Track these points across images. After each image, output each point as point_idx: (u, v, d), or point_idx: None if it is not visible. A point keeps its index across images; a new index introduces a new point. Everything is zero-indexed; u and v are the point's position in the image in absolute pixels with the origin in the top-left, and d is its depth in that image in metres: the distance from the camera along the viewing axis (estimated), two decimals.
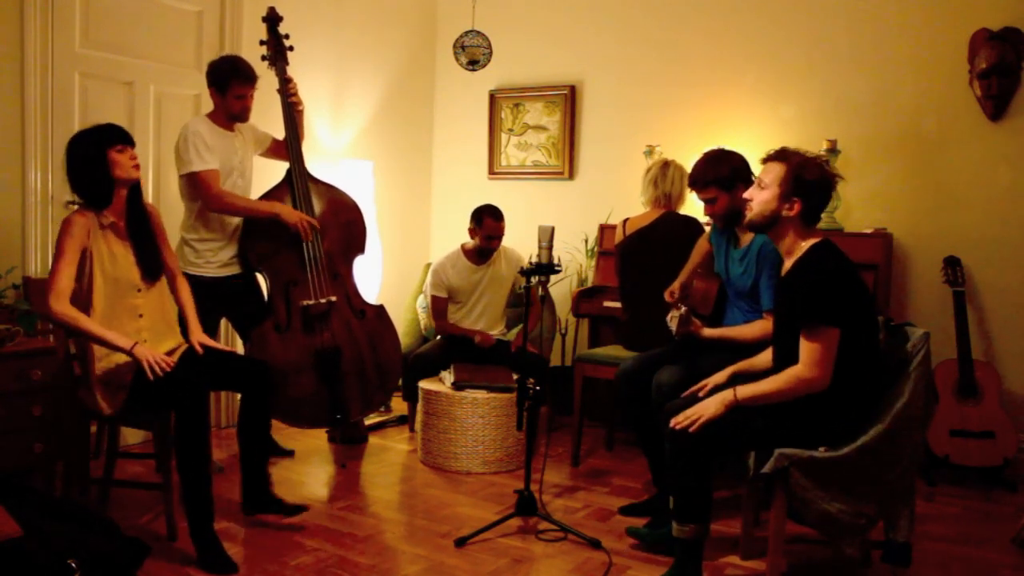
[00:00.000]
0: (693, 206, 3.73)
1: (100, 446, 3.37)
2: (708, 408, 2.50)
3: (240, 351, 3.62)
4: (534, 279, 3.11)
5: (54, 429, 3.06)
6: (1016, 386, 3.97)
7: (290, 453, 3.94)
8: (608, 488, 3.63)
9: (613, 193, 4.90)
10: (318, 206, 3.73)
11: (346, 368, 3.69)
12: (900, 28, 4.18)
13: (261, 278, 3.73)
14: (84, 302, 2.79)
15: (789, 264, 2.54)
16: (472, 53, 4.86)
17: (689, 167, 3.29)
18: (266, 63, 3.72)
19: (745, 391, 2.49)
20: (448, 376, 3.91)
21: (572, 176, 5.17)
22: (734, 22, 4.60)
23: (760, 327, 2.99)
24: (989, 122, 4.00)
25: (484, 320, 4.34)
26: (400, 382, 4.20)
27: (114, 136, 2.85)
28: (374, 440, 4.27)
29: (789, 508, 2.48)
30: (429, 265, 4.64)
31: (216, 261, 3.54)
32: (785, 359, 2.51)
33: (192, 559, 2.71)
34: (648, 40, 4.86)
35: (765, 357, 2.74)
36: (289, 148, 3.70)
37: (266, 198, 3.64)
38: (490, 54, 4.90)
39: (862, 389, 2.46)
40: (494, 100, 5.39)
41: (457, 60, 4.91)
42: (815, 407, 2.44)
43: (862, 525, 2.46)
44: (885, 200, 4.23)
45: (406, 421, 4.54)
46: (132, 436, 3.90)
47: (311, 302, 3.61)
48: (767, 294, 2.98)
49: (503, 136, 5.38)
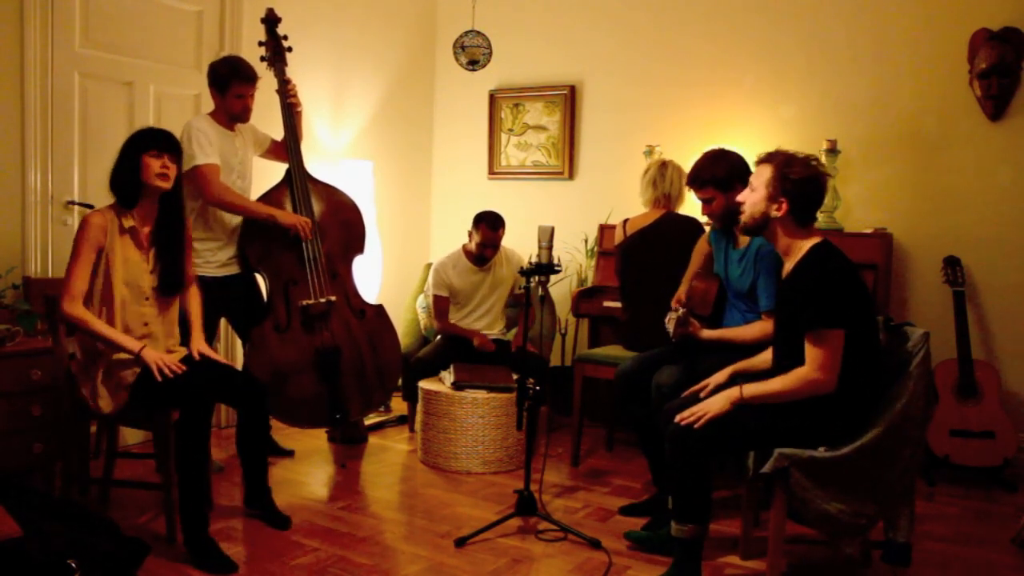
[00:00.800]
0: (693, 206, 3.73)
1: (100, 446, 3.38)
2: (713, 405, 2.50)
3: (240, 352, 3.62)
4: (534, 279, 3.11)
5: (54, 429, 3.06)
6: (1016, 386, 3.98)
7: (290, 453, 3.94)
8: (608, 488, 3.63)
9: (613, 193, 4.90)
10: (317, 206, 3.73)
11: (345, 368, 3.69)
12: (900, 28, 4.19)
13: (260, 278, 3.73)
14: (95, 301, 2.80)
15: (790, 266, 2.54)
16: (472, 53, 4.87)
17: (688, 167, 3.29)
18: (265, 64, 3.72)
19: (751, 389, 2.49)
20: (448, 376, 3.91)
21: (572, 176, 5.17)
22: (734, 22, 4.60)
23: (759, 328, 2.99)
24: (989, 122, 4.00)
25: (484, 320, 4.34)
26: (400, 382, 4.21)
27: (153, 140, 2.84)
28: (374, 440, 4.27)
29: (789, 508, 2.48)
30: (429, 265, 4.64)
31: (216, 261, 3.55)
32: (786, 359, 2.51)
33: (189, 557, 2.70)
34: (648, 40, 4.86)
35: (764, 356, 2.74)
36: (288, 149, 3.71)
37: (266, 198, 3.64)
38: (490, 54, 4.90)
39: (863, 389, 2.46)
40: (494, 100, 5.39)
41: (457, 60, 4.91)
42: (816, 407, 2.44)
43: (862, 525, 2.46)
44: (885, 200, 4.23)
45: (406, 421, 4.54)
46: (132, 436, 3.90)
47: (310, 302, 3.61)
48: (765, 295, 2.98)
49: (503, 136, 5.38)
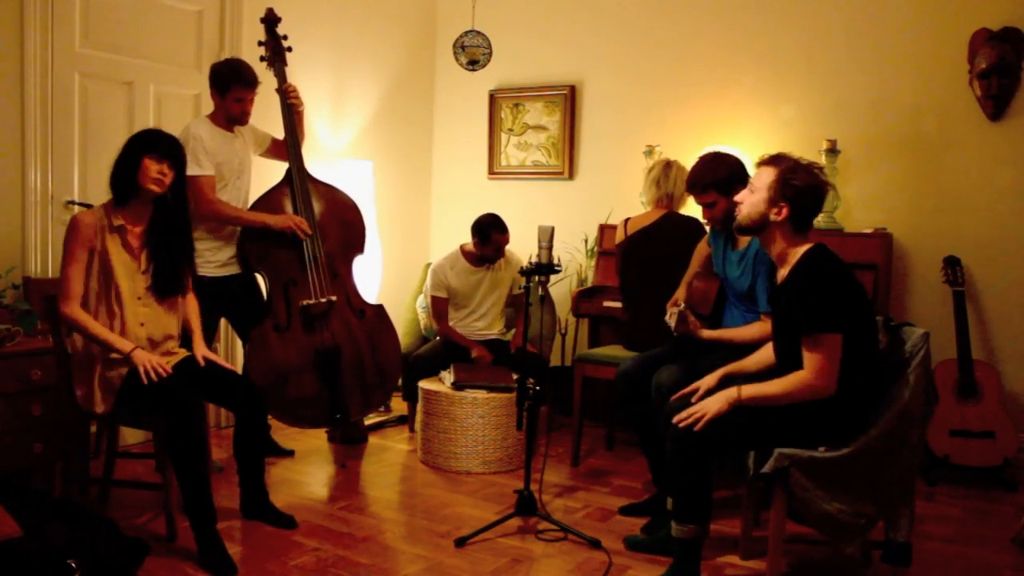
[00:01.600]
0: (695, 207, 3.73)
1: (100, 446, 3.38)
2: (712, 406, 2.49)
3: (240, 352, 3.62)
4: (534, 279, 3.11)
5: (54, 429, 3.06)
6: (1016, 386, 3.98)
7: (290, 453, 3.94)
8: (608, 488, 3.63)
9: (613, 193, 4.90)
10: (317, 206, 3.73)
11: (346, 368, 3.69)
12: (900, 28, 4.18)
13: (260, 278, 3.74)
14: (91, 300, 2.81)
15: (785, 272, 2.53)
16: (472, 53, 4.86)
17: (689, 167, 3.28)
18: (265, 64, 3.72)
19: (750, 391, 2.48)
20: (448, 376, 3.91)
21: (572, 176, 5.17)
22: (734, 22, 4.60)
23: (758, 328, 2.99)
24: (989, 122, 4.00)
25: (483, 321, 4.34)
26: (400, 382, 4.20)
27: (157, 144, 2.83)
28: (374, 440, 4.27)
29: (789, 508, 2.48)
30: (429, 265, 4.64)
31: (216, 261, 3.55)
32: (787, 361, 2.51)
33: (192, 557, 2.71)
34: (648, 40, 4.86)
35: (756, 358, 2.74)
36: (289, 149, 3.70)
37: (265, 198, 3.65)
38: (490, 54, 4.90)
39: (862, 390, 2.46)
40: (494, 100, 5.39)
41: (457, 60, 4.91)
42: (816, 407, 2.44)
43: (862, 525, 2.46)
44: (885, 200, 4.23)
45: (406, 421, 4.54)
46: (132, 436, 3.90)
47: (311, 302, 3.61)
48: (764, 296, 2.98)
49: (503, 136, 5.38)
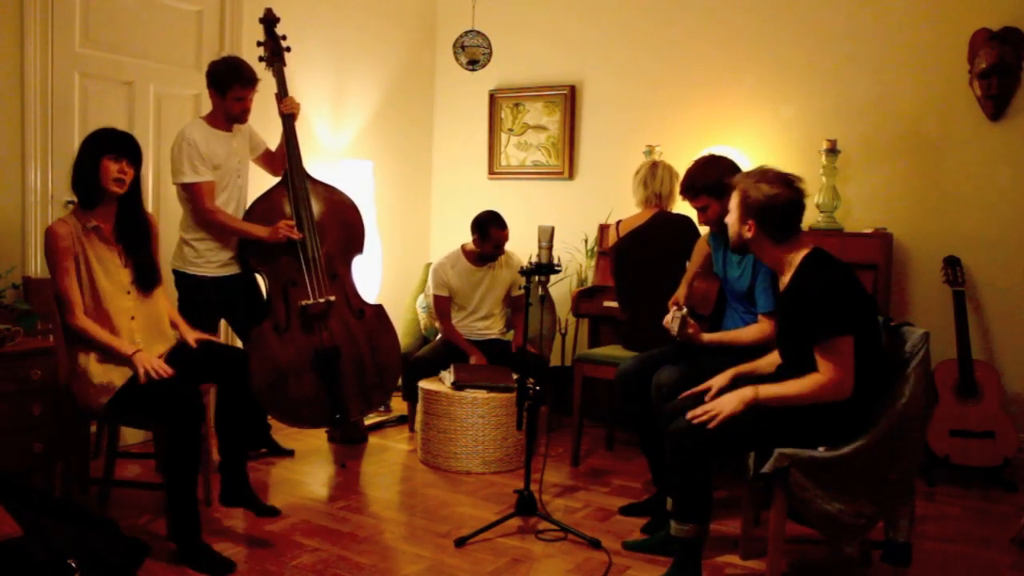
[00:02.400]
0: (685, 205, 3.73)
1: (100, 446, 3.38)
2: (727, 405, 2.49)
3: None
4: (534, 279, 3.11)
5: (54, 429, 3.05)
6: (1016, 386, 3.97)
7: (290, 453, 3.94)
8: (608, 488, 3.63)
9: (613, 193, 4.90)
10: (316, 207, 3.73)
11: (345, 368, 3.69)
12: (900, 28, 4.18)
13: (260, 278, 3.73)
14: (85, 303, 2.81)
15: (787, 278, 2.53)
16: (472, 53, 4.86)
17: (686, 167, 3.28)
18: (263, 64, 3.72)
19: (768, 391, 2.48)
20: (448, 376, 3.91)
21: (572, 176, 5.17)
22: (734, 22, 4.60)
23: (757, 329, 2.99)
24: (989, 122, 4.00)
25: (484, 321, 4.34)
26: (400, 382, 4.20)
27: (113, 144, 2.83)
28: (374, 440, 4.27)
29: (789, 508, 2.48)
30: (429, 265, 4.64)
31: (216, 261, 3.55)
32: (792, 364, 2.51)
33: (185, 561, 2.69)
34: (648, 40, 4.86)
35: (769, 359, 2.73)
36: (288, 152, 3.68)
37: (264, 198, 3.65)
38: (490, 54, 4.90)
39: (864, 390, 2.46)
40: (494, 100, 5.39)
41: (457, 60, 4.91)
42: (816, 407, 2.44)
43: (862, 525, 2.46)
44: (885, 200, 4.23)
45: (406, 421, 4.54)
46: (132, 436, 3.90)
47: (309, 302, 3.61)
48: (763, 297, 2.98)
49: (503, 136, 5.38)
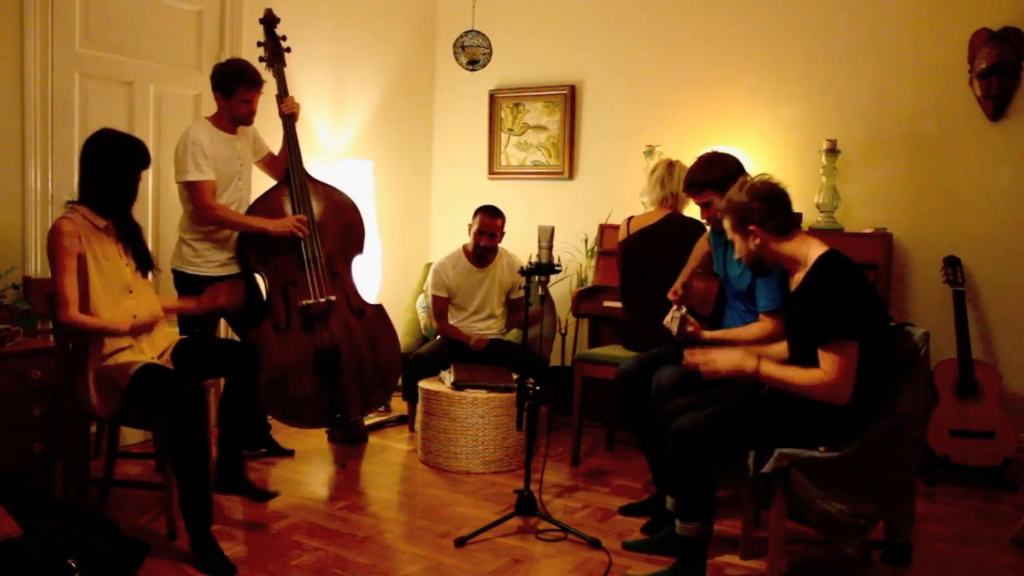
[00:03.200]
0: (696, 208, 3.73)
1: (100, 446, 3.37)
2: (721, 364, 2.53)
3: None
4: (534, 279, 3.11)
5: (54, 429, 3.06)
6: (1016, 386, 3.98)
7: (290, 453, 3.94)
8: (608, 488, 3.63)
9: (613, 193, 4.90)
10: (316, 207, 3.73)
11: (345, 367, 3.69)
12: (900, 28, 4.18)
13: (260, 278, 3.73)
14: (83, 305, 2.80)
15: (800, 276, 2.52)
16: (472, 53, 4.86)
17: (693, 164, 3.28)
18: (263, 64, 3.72)
19: (769, 369, 2.48)
20: (448, 376, 3.91)
21: (572, 176, 5.17)
22: (734, 22, 4.60)
23: (758, 328, 2.98)
24: (989, 122, 4.00)
25: (485, 322, 4.34)
26: (399, 381, 4.20)
27: (148, 159, 2.94)
28: (374, 440, 4.27)
29: (789, 508, 2.48)
30: (429, 265, 4.64)
31: (215, 260, 3.55)
32: (800, 362, 2.51)
33: (191, 557, 2.70)
34: (648, 40, 4.86)
35: (778, 348, 2.71)
36: (289, 152, 3.69)
37: (264, 199, 3.65)
38: (490, 54, 4.90)
39: (866, 391, 2.45)
40: (494, 100, 5.39)
41: (457, 60, 4.91)
42: (816, 407, 2.44)
43: (862, 525, 2.46)
44: (885, 200, 4.23)
45: (406, 421, 4.54)
46: (132, 436, 3.90)
47: (310, 302, 3.61)
48: (764, 295, 2.97)
49: (503, 136, 5.38)
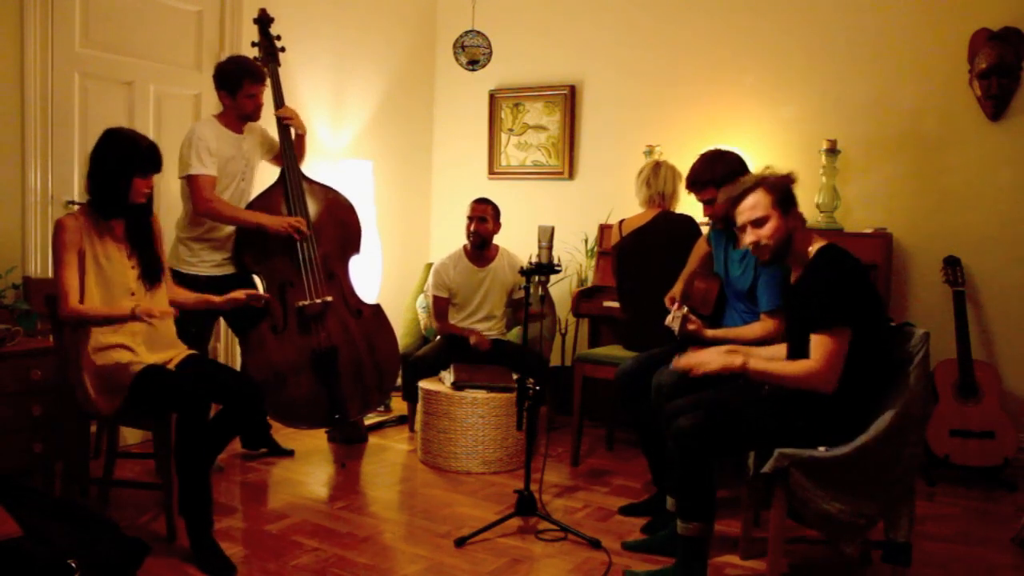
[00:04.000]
0: (688, 206, 3.73)
1: (100, 446, 3.37)
2: (713, 363, 2.52)
3: (238, 352, 3.61)
4: (534, 279, 3.11)
5: (54, 429, 3.06)
6: (1016, 386, 3.97)
7: (290, 453, 3.94)
8: (608, 488, 3.63)
9: (613, 193, 4.90)
10: (313, 207, 3.73)
11: (343, 368, 3.69)
12: (900, 28, 4.18)
13: (256, 279, 3.73)
14: (88, 301, 2.80)
15: (799, 271, 2.53)
16: (472, 53, 4.87)
17: (687, 167, 3.29)
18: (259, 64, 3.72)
19: (757, 365, 2.49)
20: (448, 376, 3.91)
21: (572, 176, 5.17)
22: (734, 22, 4.60)
23: (760, 328, 2.99)
24: (989, 122, 4.00)
25: (485, 323, 4.34)
26: (398, 381, 4.20)
27: (147, 164, 2.83)
28: (374, 440, 4.27)
29: (789, 508, 2.48)
30: (430, 265, 4.64)
31: (211, 260, 3.55)
32: (798, 358, 2.51)
33: (192, 558, 2.70)
34: (648, 40, 4.86)
35: (773, 351, 2.71)
36: (283, 153, 3.69)
37: (260, 200, 3.65)
38: (490, 54, 4.90)
39: (864, 389, 2.46)
40: (494, 100, 5.39)
41: (457, 60, 4.91)
42: (816, 407, 2.44)
43: (862, 525, 2.46)
44: (885, 200, 4.23)
45: (406, 421, 4.54)
46: (132, 436, 3.90)
47: (307, 302, 3.61)
48: (765, 295, 2.98)
49: (503, 136, 5.38)
